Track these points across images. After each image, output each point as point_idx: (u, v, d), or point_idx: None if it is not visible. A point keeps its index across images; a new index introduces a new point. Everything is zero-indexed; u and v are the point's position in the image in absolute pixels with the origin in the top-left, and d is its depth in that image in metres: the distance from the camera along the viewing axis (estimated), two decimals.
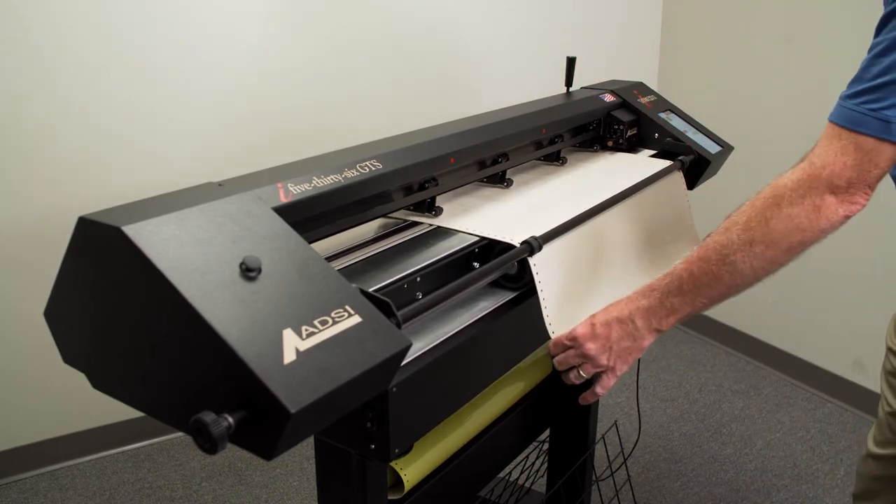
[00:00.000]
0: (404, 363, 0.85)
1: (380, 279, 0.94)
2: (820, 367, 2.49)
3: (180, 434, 2.19)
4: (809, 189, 0.89)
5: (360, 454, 0.90)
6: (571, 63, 1.57)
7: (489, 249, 1.08)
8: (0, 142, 1.86)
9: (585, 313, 1.03)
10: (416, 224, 1.13)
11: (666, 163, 1.43)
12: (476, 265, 1.07)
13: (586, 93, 1.57)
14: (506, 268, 1.03)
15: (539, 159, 1.47)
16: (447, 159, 1.14)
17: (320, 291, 0.74)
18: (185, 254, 0.69)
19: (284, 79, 2.19)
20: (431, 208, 1.15)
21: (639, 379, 2.22)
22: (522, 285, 1.08)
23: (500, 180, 1.32)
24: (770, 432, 2.30)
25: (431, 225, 1.13)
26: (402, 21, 2.35)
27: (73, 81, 1.91)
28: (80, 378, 0.81)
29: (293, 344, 0.67)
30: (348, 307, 0.73)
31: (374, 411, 0.83)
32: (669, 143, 1.53)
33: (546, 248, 1.03)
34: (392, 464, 1.06)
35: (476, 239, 1.07)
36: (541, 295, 1.02)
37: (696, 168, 1.50)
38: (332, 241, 1.03)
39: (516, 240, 1.02)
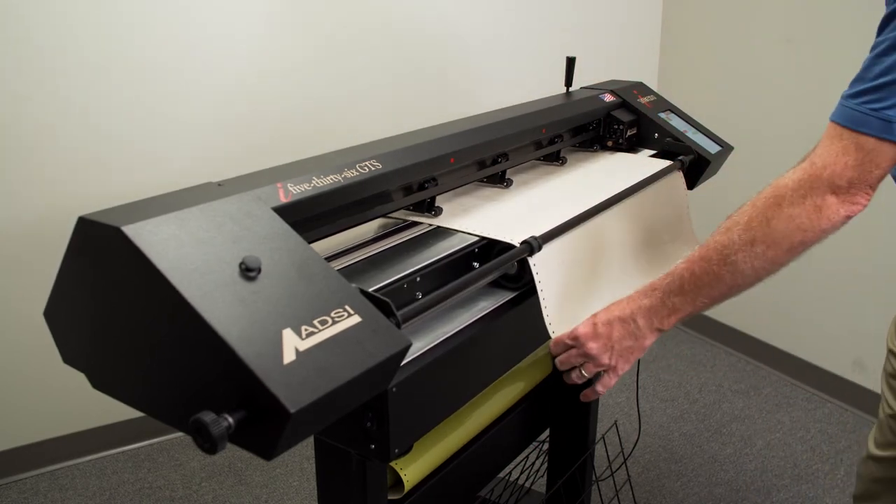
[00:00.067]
0: (404, 363, 0.85)
1: (379, 279, 0.94)
2: (820, 367, 2.49)
3: (180, 434, 2.19)
4: (811, 189, 0.89)
5: (360, 454, 0.90)
6: (571, 63, 1.57)
7: (489, 249, 1.08)
8: (0, 142, 1.86)
9: (585, 313, 1.03)
10: (416, 224, 1.13)
11: (666, 163, 1.43)
12: (476, 265, 1.07)
13: (586, 93, 1.57)
14: (505, 268, 1.03)
15: (539, 159, 1.47)
16: (447, 159, 1.14)
17: (320, 291, 0.73)
18: (185, 254, 0.69)
19: (284, 79, 2.19)
20: (431, 208, 1.15)
21: (639, 379, 2.22)
22: (522, 285, 1.08)
23: (500, 180, 1.32)
24: (770, 432, 2.30)
25: (431, 225, 1.13)
26: (402, 21, 2.35)
27: (73, 81, 1.91)
28: (80, 378, 0.81)
29: (293, 344, 0.67)
30: (348, 307, 0.73)
31: (374, 411, 0.83)
32: (669, 143, 1.53)
33: (546, 248, 1.03)
34: (392, 464, 1.06)
35: (476, 239, 1.07)
36: (540, 295, 1.02)
37: (696, 168, 1.50)
38: (332, 241, 1.03)
39: (516, 240, 1.02)
